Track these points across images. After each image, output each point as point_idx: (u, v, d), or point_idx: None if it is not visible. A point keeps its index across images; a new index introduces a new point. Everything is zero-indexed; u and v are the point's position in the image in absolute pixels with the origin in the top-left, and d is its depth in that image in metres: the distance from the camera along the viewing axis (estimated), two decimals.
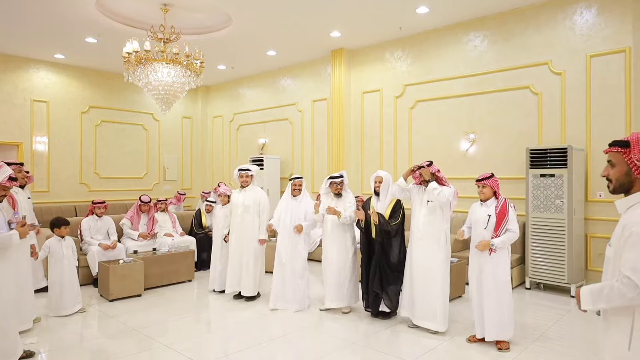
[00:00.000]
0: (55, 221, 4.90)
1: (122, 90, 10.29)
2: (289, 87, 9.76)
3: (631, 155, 1.78)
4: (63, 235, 4.86)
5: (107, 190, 10.15)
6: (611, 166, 1.86)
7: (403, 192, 4.49)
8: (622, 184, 1.83)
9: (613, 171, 1.85)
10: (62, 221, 4.91)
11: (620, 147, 1.82)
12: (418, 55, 7.58)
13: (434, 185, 4.21)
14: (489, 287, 3.90)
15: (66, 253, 4.82)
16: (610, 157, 1.87)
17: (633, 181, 1.80)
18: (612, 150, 1.86)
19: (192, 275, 6.47)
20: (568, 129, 6.03)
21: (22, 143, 9.06)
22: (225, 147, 11.37)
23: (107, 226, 6.33)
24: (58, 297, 4.74)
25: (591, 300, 1.78)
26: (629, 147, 1.79)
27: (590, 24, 5.86)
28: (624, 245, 1.70)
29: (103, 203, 6.42)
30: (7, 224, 3.46)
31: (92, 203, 6.45)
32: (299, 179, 5.29)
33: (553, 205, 5.69)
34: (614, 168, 1.85)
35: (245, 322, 4.70)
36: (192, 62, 6.44)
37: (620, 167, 1.82)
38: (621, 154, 1.82)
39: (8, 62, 8.85)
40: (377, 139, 8.16)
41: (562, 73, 6.06)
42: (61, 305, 4.75)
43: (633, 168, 1.78)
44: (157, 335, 4.26)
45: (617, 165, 1.83)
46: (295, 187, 5.24)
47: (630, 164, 1.79)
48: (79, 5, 6.34)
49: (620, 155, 1.82)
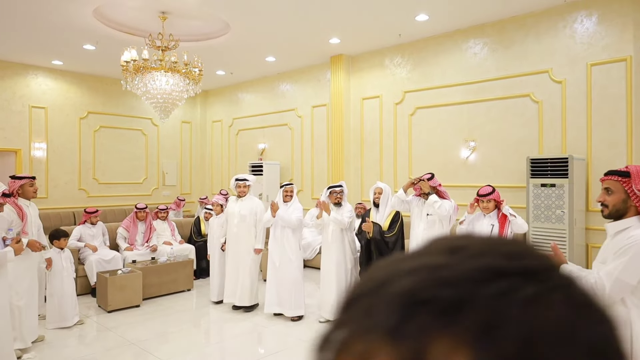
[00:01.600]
0: (54, 233, 4.87)
1: (121, 96, 10.25)
2: (288, 93, 9.73)
3: (632, 185, 1.96)
4: (62, 247, 4.83)
5: (106, 195, 10.11)
6: (607, 193, 2.03)
7: (402, 203, 4.45)
8: (617, 210, 2.00)
9: (610, 198, 2.02)
10: (62, 233, 4.88)
11: (619, 177, 2.00)
12: (418, 62, 7.54)
13: (434, 198, 4.18)
14: None
15: (65, 265, 4.79)
16: (608, 185, 2.03)
17: (628, 208, 1.99)
18: (611, 179, 2.02)
19: (191, 284, 6.44)
20: (569, 138, 6.00)
21: (20, 149, 9.02)
22: (224, 152, 11.33)
23: (101, 231, 6.44)
24: (57, 309, 4.71)
25: None
26: (629, 177, 1.97)
27: (590, 32, 5.82)
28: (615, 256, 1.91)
29: (96, 212, 6.45)
30: (2, 240, 3.43)
31: (86, 212, 6.46)
32: (290, 186, 5.32)
33: (554, 215, 5.65)
34: (612, 195, 2.01)
35: (243, 335, 4.67)
36: (191, 70, 6.41)
37: (618, 194, 2.00)
38: (620, 182, 1.99)
39: (6, 68, 8.82)
40: (376, 145, 8.13)
41: (562, 81, 6.03)
42: (60, 318, 4.72)
43: (633, 197, 1.96)
44: (154, 349, 4.22)
45: (615, 193, 2.00)
46: (287, 193, 5.24)
47: (630, 193, 1.97)
48: (76, 13, 6.31)
49: (619, 183, 1.99)
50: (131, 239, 6.70)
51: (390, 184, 7.72)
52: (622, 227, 1.97)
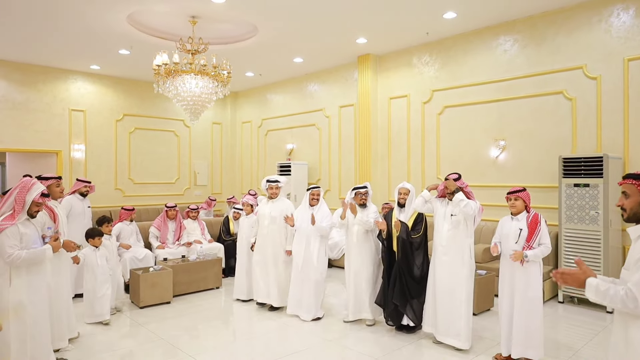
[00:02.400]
0: (90, 232, 5.09)
1: (154, 98, 10.57)
2: (316, 93, 9.78)
3: None
4: (97, 245, 5.03)
5: (141, 195, 10.46)
6: (625, 197, 2.01)
7: (425, 204, 4.41)
8: (635, 213, 1.97)
9: (628, 201, 2.00)
10: (97, 232, 5.09)
11: (634, 180, 1.97)
12: (446, 60, 7.44)
13: (460, 196, 4.11)
14: (519, 302, 3.79)
15: (100, 263, 4.98)
16: (625, 189, 2.01)
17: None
18: (627, 183, 2.00)
19: (220, 282, 6.58)
20: (604, 136, 5.78)
21: (61, 151, 9.45)
22: (253, 152, 11.51)
23: (135, 230, 6.71)
24: (91, 304, 4.91)
25: (594, 295, 1.92)
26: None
27: (627, 26, 5.59)
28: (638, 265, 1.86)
29: (133, 210, 6.77)
30: (41, 238, 3.62)
31: (124, 210, 6.71)
32: (317, 189, 5.33)
33: (588, 216, 5.46)
34: (629, 198, 1.99)
35: (269, 334, 4.75)
36: (220, 72, 6.54)
37: (635, 197, 1.97)
38: (636, 186, 1.97)
39: (47, 73, 9.26)
40: (404, 145, 8.06)
41: (597, 78, 5.82)
42: (93, 313, 4.92)
43: None
44: (182, 345, 4.36)
45: (632, 196, 1.98)
46: (314, 196, 5.28)
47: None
48: (112, 19, 6.56)
49: (634, 187, 1.97)
50: (162, 238, 6.91)
51: (418, 184, 7.66)
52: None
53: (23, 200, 3.43)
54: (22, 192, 3.44)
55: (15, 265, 3.30)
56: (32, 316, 3.39)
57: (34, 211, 3.54)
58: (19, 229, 3.37)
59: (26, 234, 3.42)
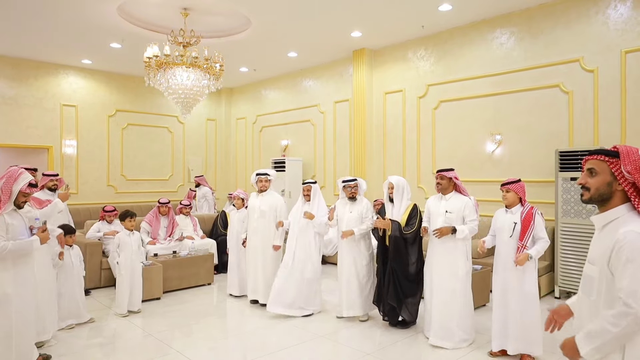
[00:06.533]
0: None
1: (147, 94, 10.45)
2: (310, 89, 9.68)
3: (620, 166, 1.72)
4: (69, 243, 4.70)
5: (133, 192, 10.33)
6: (590, 174, 1.80)
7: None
8: (601, 194, 1.77)
9: (594, 180, 1.78)
10: (71, 229, 4.87)
11: (607, 157, 1.76)
12: (442, 54, 7.35)
13: (462, 233, 4.01)
14: (515, 298, 3.72)
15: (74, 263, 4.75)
16: (592, 165, 1.80)
17: (613, 192, 1.75)
18: (597, 159, 1.79)
19: (212, 278, 6.48)
20: (601, 130, 5.70)
21: (52, 146, 9.32)
22: (248, 148, 11.40)
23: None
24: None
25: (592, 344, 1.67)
26: (618, 158, 1.73)
27: (625, 17, 5.52)
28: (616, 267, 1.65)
29: (114, 211, 6.70)
30: (29, 229, 3.51)
31: (104, 211, 6.67)
32: (307, 185, 5.21)
33: (585, 210, 5.39)
34: (595, 177, 1.78)
35: (261, 329, 4.65)
36: (212, 65, 6.44)
37: (603, 176, 1.77)
38: (607, 162, 1.76)
39: (38, 68, 9.13)
40: (399, 140, 7.97)
41: (594, 70, 5.74)
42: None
43: (620, 179, 1.73)
44: (172, 341, 4.25)
45: (600, 175, 1.77)
46: (304, 192, 5.18)
47: (617, 175, 1.73)
48: (102, 11, 6.44)
49: (605, 164, 1.76)
50: (154, 233, 6.79)
51: (413, 179, 7.58)
52: (611, 219, 1.74)
53: (10, 190, 3.31)
54: (8, 182, 3.33)
55: (1, 257, 3.19)
56: (18, 309, 3.28)
57: (21, 202, 3.43)
58: (5, 219, 3.26)
59: (13, 225, 3.30)
